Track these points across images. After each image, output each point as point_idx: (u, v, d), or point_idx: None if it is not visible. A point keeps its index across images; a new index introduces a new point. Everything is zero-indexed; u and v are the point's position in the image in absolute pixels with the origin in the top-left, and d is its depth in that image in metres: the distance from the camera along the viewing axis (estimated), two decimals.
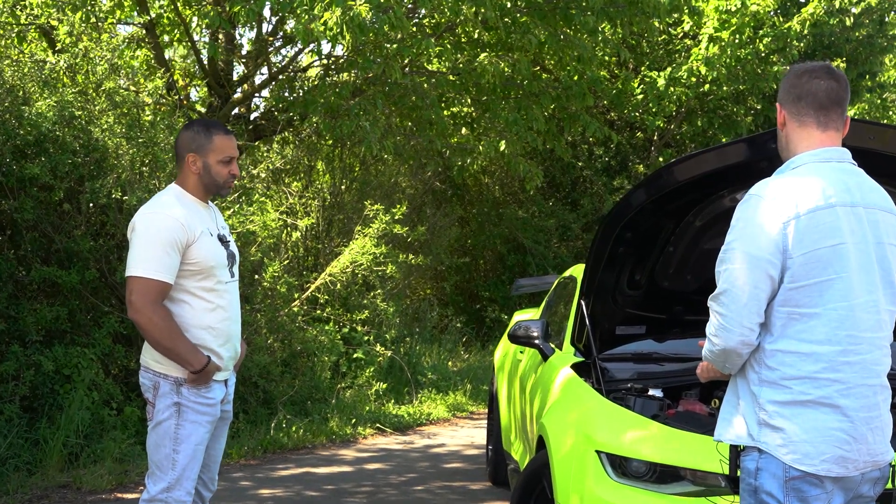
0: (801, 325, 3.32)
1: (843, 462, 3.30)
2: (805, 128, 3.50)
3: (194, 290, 4.80)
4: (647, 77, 15.99)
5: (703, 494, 4.62)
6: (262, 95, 13.67)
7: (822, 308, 3.31)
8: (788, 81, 3.54)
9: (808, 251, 3.30)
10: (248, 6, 9.81)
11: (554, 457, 5.22)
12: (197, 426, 4.81)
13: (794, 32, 15.50)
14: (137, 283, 4.66)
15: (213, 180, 4.89)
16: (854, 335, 3.33)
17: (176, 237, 4.69)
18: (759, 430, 3.34)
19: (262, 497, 8.30)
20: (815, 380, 3.29)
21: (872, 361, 3.36)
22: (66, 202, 9.49)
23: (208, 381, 4.80)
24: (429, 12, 11.60)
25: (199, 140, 4.86)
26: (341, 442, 10.88)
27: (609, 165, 19.41)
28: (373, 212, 13.39)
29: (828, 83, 3.49)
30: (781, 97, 3.55)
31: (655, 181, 5.24)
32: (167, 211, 4.75)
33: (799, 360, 3.31)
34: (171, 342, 4.68)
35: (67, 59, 9.94)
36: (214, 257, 4.83)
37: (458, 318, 18.02)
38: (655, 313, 6.05)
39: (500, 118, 12.50)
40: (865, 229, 3.39)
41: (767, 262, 3.30)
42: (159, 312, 4.67)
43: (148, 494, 4.81)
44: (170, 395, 4.77)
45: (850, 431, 3.30)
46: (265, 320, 11.30)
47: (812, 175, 3.40)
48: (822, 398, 3.29)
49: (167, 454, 4.78)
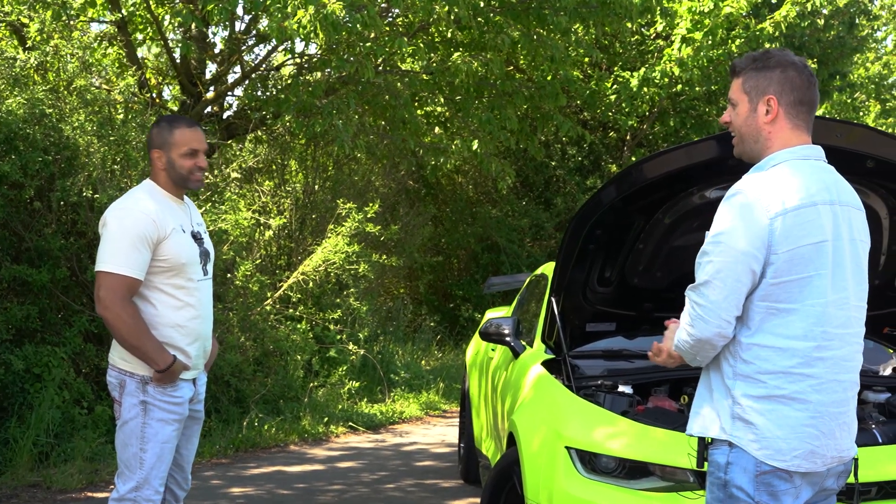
0: (779, 320, 3.34)
1: (812, 457, 3.33)
2: (797, 130, 3.49)
3: (163, 287, 4.77)
4: (620, 77, 16.04)
5: (672, 490, 4.64)
6: (234, 94, 13.64)
7: (800, 304, 3.33)
8: (790, 79, 3.48)
9: (792, 248, 3.31)
10: (220, 4, 9.78)
11: (524, 453, 5.23)
12: (164, 425, 4.78)
13: (767, 34, 15.57)
14: (107, 278, 4.64)
15: (178, 174, 4.87)
16: (828, 331, 3.35)
17: (146, 233, 4.67)
18: (732, 424, 3.34)
19: (234, 496, 8.29)
20: (789, 374, 3.31)
21: (843, 357, 3.40)
22: (36, 200, 9.44)
23: (174, 380, 4.77)
24: (402, 11, 11.59)
25: (163, 136, 4.88)
26: (313, 440, 10.87)
27: (582, 165, 19.47)
28: (345, 210, 13.38)
29: (817, 92, 3.55)
30: (776, 90, 3.47)
31: (625, 179, 5.25)
32: (139, 206, 4.74)
33: (775, 354, 3.32)
34: (137, 340, 4.66)
35: (38, 57, 9.89)
36: (186, 254, 4.81)
37: (432, 317, 18.05)
38: (625, 310, 6.07)
39: (474, 118, 12.52)
40: (842, 227, 3.43)
41: (752, 256, 3.31)
42: (128, 309, 4.65)
43: (117, 493, 4.79)
44: (136, 393, 4.75)
45: (820, 427, 3.33)
46: (237, 319, 11.28)
47: (795, 173, 3.41)
48: (796, 393, 3.31)
49: (134, 453, 4.76)
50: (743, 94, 3.52)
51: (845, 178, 3.63)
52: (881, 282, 5.59)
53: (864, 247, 3.52)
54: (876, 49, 25.55)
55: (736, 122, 3.56)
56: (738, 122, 3.55)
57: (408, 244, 16.41)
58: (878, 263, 5.52)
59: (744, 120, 3.53)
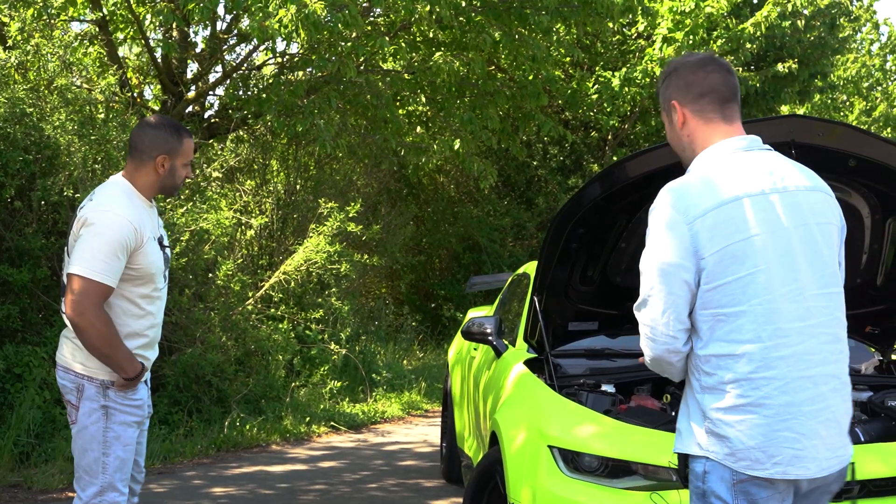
0: (729, 326, 3.18)
1: (800, 462, 3.17)
2: (711, 123, 3.35)
3: (129, 295, 4.68)
4: (601, 77, 16.09)
5: (655, 489, 4.64)
6: (216, 93, 13.63)
7: (746, 305, 3.16)
8: (682, 78, 3.38)
9: (719, 248, 3.17)
10: (202, 3, 9.77)
11: (506, 452, 5.23)
12: (126, 427, 4.71)
13: (748, 34, 15.65)
14: (83, 283, 4.53)
15: (173, 182, 4.81)
16: (781, 328, 3.17)
17: (127, 241, 4.58)
18: (708, 439, 3.21)
19: (216, 495, 8.28)
20: (751, 381, 3.15)
21: (806, 352, 3.19)
22: (17, 200, 9.40)
23: (136, 385, 4.72)
24: (384, 11, 11.60)
25: (172, 142, 4.76)
26: (295, 440, 10.86)
27: (564, 165, 19.51)
28: (327, 210, 13.37)
29: (724, 76, 3.38)
30: (676, 95, 3.39)
31: (607, 177, 5.27)
32: (122, 212, 4.62)
33: (733, 362, 3.17)
34: (110, 348, 4.58)
35: (19, 56, 9.86)
36: (156, 263, 4.74)
37: (414, 317, 18.05)
38: (608, 309, 6.06)
39: (455, 117, 12.54)
40: (781, 215, 3.24)
41: (679, 266, 3.18)
42: (102, 317, 4.56)
43: (80, 501, 4.69)
44: (96, 398, 4.65)
45: (797, 429, 3.16)
46: (219, 319, 11.25)
47: (714, 170, 3.27)
48: (762, 399, 3.15)
49: (96, 458, 4.66)
50: (662, 111, 3.47)
51: (826, 176, 3.55)
52: (862, 280, 5.61)
53: (824, 229, 3.30)
54: (856, 49, 25.69)
55: (669, 139, 3.51)
56: (669, 139, 3.50)
57: (389, 244, 16.42)
58: (859, 262, 5.54)
59: (669, 136, 3.47)
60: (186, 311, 10.83)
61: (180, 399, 10.50)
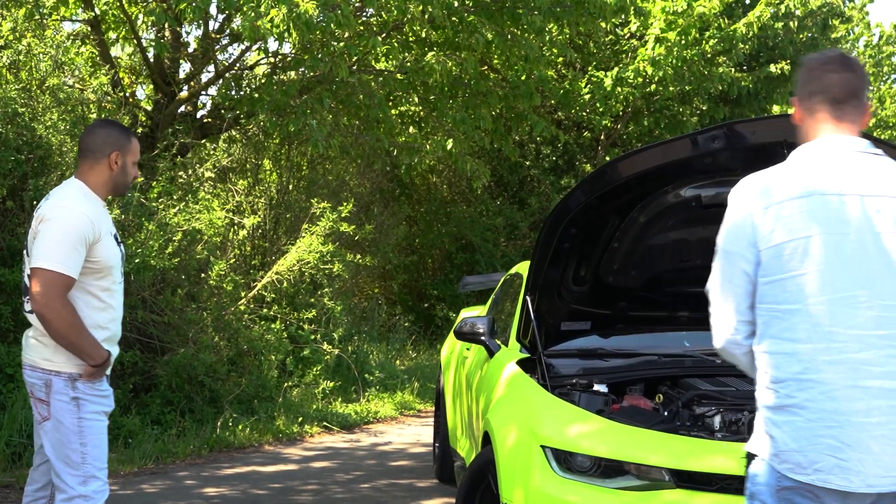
0: (784, 324, 3.11)
1: (843, 473, 3.03)
2: (820, 123, 3.29)
3: (90, 288, 4.82)
4: (594, 77, 16.11)
5: (648, 489, 4.66)
6: (208, 93, 13.64)
7: (802, 304, 3.09)
8: (802, 75, 3.36)
9: (778, 243, 3.12)
10: (194, 3, 9.77)
11: (499, 452, 5.24)
12: (98, 416, 4.84)
13: (740, 35, 15.69)
14: (46, 275, 4.67)
15: (125, 180, 4.98)
16: (834, 332, 3.07)
17: (85, 234, 4.73)
18: (761, 438, 3.17)
19: (208, 496, 8.28)
20: (799, 381, 3.08)
21: (865, 361, 3.05)
22: (8, 199, 9.41)
23: (103, 374, 4.85)
24: (376, 11, 11.61)
25: (122, 140, 4.94)
26: (288, 440, 10.87)
27: (556, 165, 19.55)
28: (320, 210, 13.38)
29: (842, 75, 3.30)
30: (797, 91, 3.37)
31: (600, 177, 5.31)
32: (79, 207, 4.78)
33: (784, 360, 3.11)
34: (76, 336, 4.71)
35: (10, 56, 9.86)
36: (114, 257, 4.89)
37: (406, 317, 18.07)
38: (600, 309, 6.12)
39: (448, 117, 12.55)
40: (856, 219, 3.13)
41: (739, 256, 3.17)
42: (67, 307, 4.70)
43: (65, 495, 4.78)
44: (65, 391, 4.77)
45: (842, 438, 3.02)
46: (211, 319, 11.26)
47: (799, 165, 3.23)
48: (806, 401, 3.06)
49: (75, 449, 4.77)
50: None
51: None
52: None
53: None
54: (849, 51, 25.75)
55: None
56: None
57: (382, 244, 16.43)
58: None
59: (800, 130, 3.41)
60: (179, 312, 10.83)
61: (173, 399, 10.50)
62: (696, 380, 5.69)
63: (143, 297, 10.52)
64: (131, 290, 10.33)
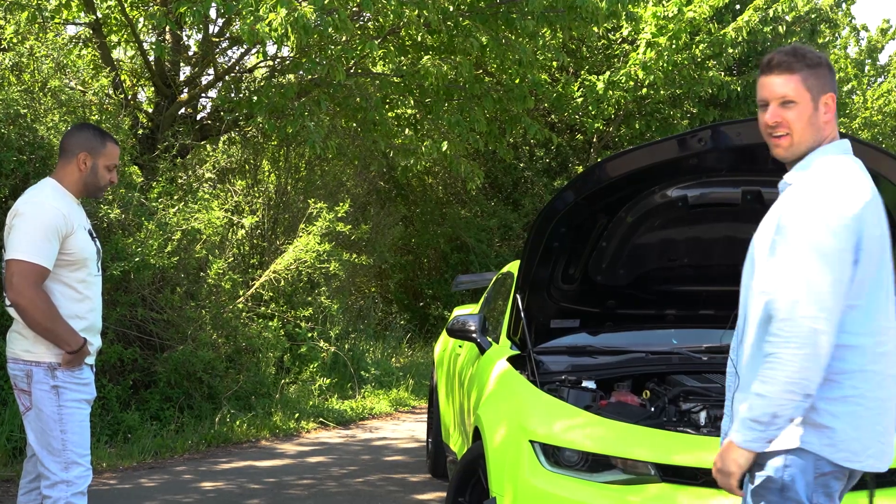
0: (848, 318, 3.20)
1: (881, 456, 3.26)
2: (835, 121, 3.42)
3: (67, 280, 5.02)
4: (586, 81, 16.22)
5: (634, 482, 4.73)
6: (208, 96, 13.74)
7: (863, 300, 3.22)
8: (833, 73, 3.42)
9: (870, 240, 3.22)
10: (194, 7, 9.90)
11: (489, 447, 5.30)
12: (78, 403, 5.02)
13: (730, 39, 15.83)
14: (20, 266, 4.86)
15: (95, 182, 5.17)
16: (883, 325, 3.26)
17: (58, 226, 4.93)
18: (803, 431, 3.20)
19: (205, 490, 8.40)
20: (864, 372, 3.21)
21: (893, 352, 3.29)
22: (10, 199, 9.51)
23: (82, 362, 5.02)
24: (373, 15, 11.71)
25: (94, 143, 5.14)
26: (284, 436, 10.98)
27: (549, 167, 19.64)
28: (317, 210, 13.50)
29: None
30: (833, 89, 3.40)
31: (589, 177, 5.37)
32: (51, 202, 4.98)
33: (849, 353, 3.19)
34: (51, 323, 4.89)
35: (13, 58, 9.98)
36: (88, 250, 5.08)
37: (402, 316, 18.18)
38: (589, 307, 6.18)
39: (443, 119, 12.64)
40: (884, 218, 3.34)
41: (849, 252, 3.18)
42: (41, 295, 4.89)
43: (48, 481, 4.97)
44: (46, 380, 4.96)
45: (884, 423, 3.25)
46: (210, 316, 11.36)
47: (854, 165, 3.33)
48: (867, 391, 3.21)
49: (56, 436, 4.96)
50: (805, 91, 3.34)
51: None
52: None
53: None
54: (836, 55, 25.86)
55: (797, 121, 3.36)
56: (800, 123, 3.36)
57: (378, 244, 16.54)
58: None
59: (805, 121, 3.35)
60: (178, 309, 10.95)
61: (171, 395, 10.62)
62: (682, 376, 5.76)
63: (142, 295, 10.64)
64: (131, 289, 10.47)
